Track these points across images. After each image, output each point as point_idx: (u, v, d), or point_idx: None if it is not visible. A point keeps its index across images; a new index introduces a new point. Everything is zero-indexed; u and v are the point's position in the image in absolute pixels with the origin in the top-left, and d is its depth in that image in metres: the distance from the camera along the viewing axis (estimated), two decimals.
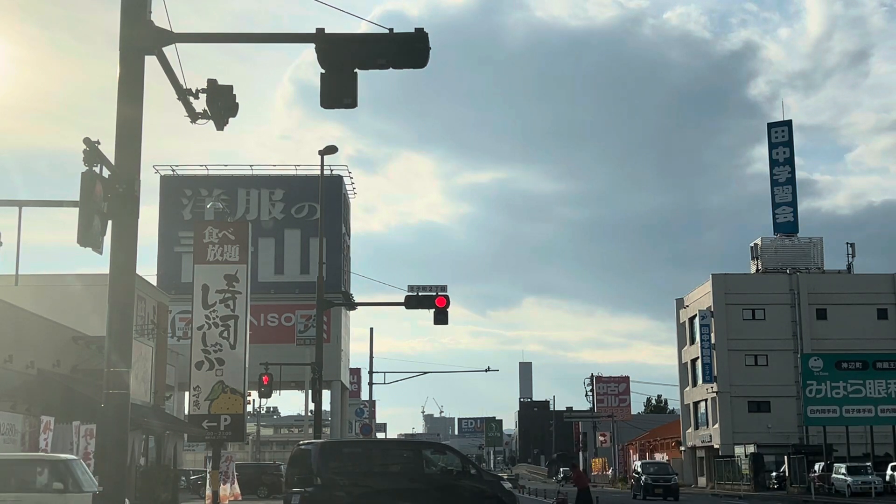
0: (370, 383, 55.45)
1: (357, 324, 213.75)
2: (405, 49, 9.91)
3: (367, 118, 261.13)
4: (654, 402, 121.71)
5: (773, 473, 53.43)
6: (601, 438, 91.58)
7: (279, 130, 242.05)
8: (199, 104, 10.10)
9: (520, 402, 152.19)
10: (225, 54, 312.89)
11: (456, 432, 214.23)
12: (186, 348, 29.96)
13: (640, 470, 44.54)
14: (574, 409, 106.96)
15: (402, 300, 27.15)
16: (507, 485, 20.27)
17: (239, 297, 27.45)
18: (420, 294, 27.45)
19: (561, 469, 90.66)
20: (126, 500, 9.35)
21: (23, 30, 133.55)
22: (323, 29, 9.86)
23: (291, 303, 61.00)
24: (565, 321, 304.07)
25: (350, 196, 68.08)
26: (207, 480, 28.27)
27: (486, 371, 63.24)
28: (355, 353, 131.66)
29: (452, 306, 26.95)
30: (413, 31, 9.96)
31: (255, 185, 64.71)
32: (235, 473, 29.46)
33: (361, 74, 9.87)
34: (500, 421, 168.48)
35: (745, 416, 61.09)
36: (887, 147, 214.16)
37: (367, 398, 69.98)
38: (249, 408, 53.34)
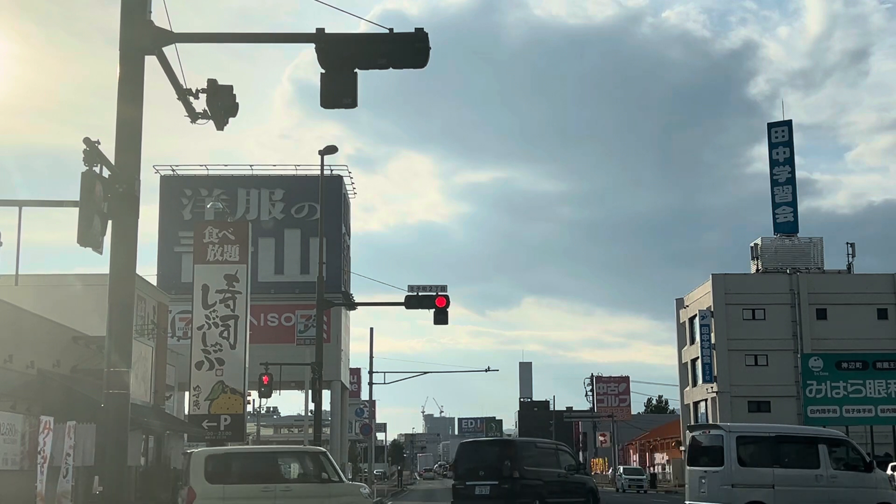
0: (370, 383, 55.47)
1: (357, 324, 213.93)
2: (405, 49, 9.91)
3: (367, 117, 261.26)
4: (654, 402, 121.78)
5: None
6: (601, 438, 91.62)
7: (278, 129, 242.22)
8: (199, 104, 10.11)
9: (520, 402, 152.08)
10: (224, 52, 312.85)
11: (456, 432, 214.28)
12: (186, 348, 29.98)
13: None
14: (574, 409, 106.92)
15: (402, 300, 27.18)
16: None
17: (239, 297, 27.47)
18: (420, 294, 27.44)
19: None
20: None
21: (20, 27, 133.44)
22: (323, 29, 9.86)
23: (291, 303, 60.94)
24: (565, 321, 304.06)
25: (350, 196, 68.11)
26: None
27: (486, 371, 63.29)
28: (355, 353, 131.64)
29: (452, 306, 26.99)
30: (413, 30, 9.95)
31: (255, 185, 64.71)
32: None
33: (361, 73, 9.87)
34: (500, 421, 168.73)
35: (745, 416, 61.03)
36: (887, 146, 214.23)
37: (367, 398, 70.00)
38: (249, 408, 53.32)
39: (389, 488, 51.97)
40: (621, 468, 64.85)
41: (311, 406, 37.03)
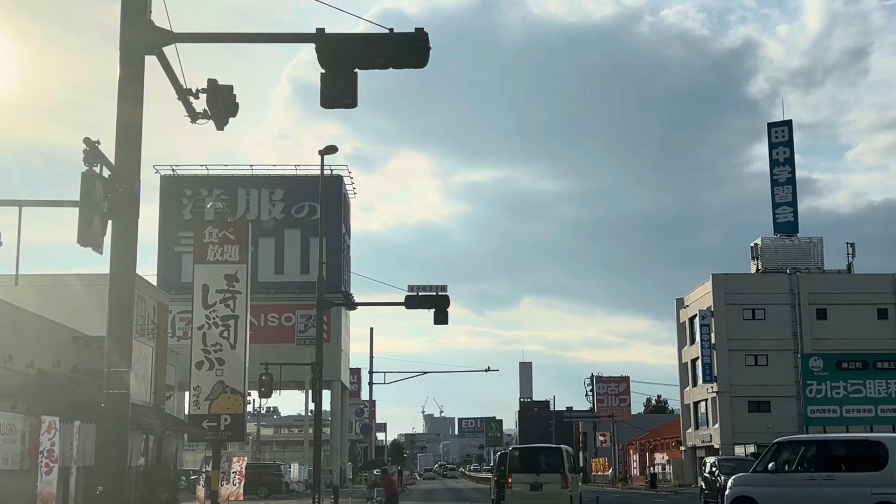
0: (370, 383, 55.50)
1: (357, 324, 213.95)
2: (406, 49, 9.90)
3: (366, 116, 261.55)
4: (654, 402, 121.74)
5: None
6: (601, 438, 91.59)
7: (278, 129, 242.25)
8: (199, 104, 10.10)
9: (520, 401, 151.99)
10: (223, 50, 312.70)
11: (456, 432, 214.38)
12: (186, 348, 29.93)
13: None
14: (574, 409, 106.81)
15: (402, 300, 27.17)
16: None
17: (239, 297, 27.42)
18: (420, 294, 27.45)
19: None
20: None
21: (17, 25, 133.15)
22: (323, 29, 9.84)
23: (291, 303, 61.03)
24: (565, 321, 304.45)
25: (350, 196, 68.12)
26: (202, 480, 28.23)
27: (486, 371, 63.27)
28: (355, 353, 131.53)
29: (452, 306, 26.97)
30: (413, 30, 9.94)
31: (255, 185, 64.76)
32: (240, 473, 29.54)
33: (360, 73, 9.86)
34: (500, 421, 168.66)
35: (745, 416, 61.09)
36: (887, 145, 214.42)
37: (367, 398, 70.11)
38: (249, 408, 53.34)
39: None
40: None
41: (311, 406, 37.07)
